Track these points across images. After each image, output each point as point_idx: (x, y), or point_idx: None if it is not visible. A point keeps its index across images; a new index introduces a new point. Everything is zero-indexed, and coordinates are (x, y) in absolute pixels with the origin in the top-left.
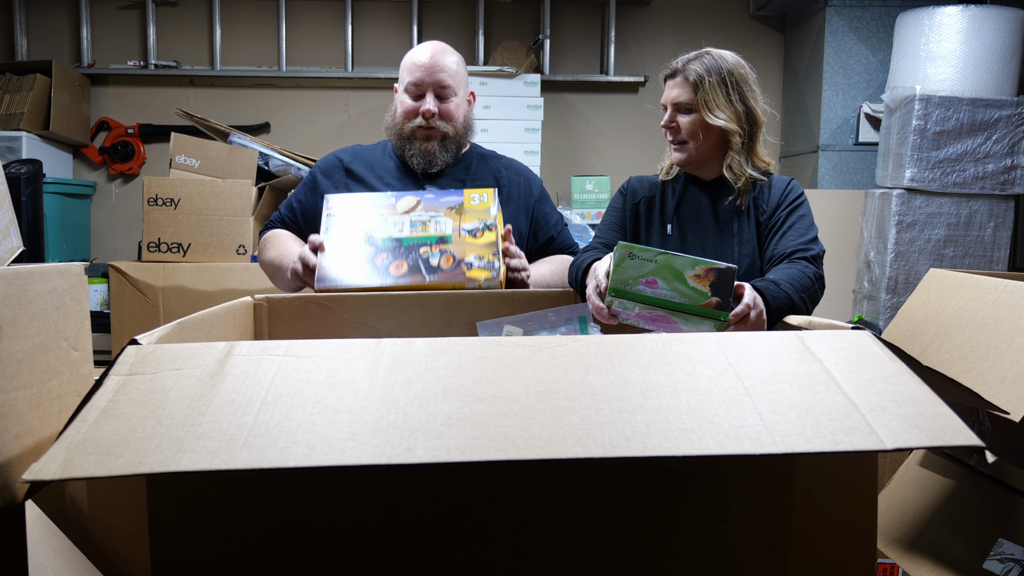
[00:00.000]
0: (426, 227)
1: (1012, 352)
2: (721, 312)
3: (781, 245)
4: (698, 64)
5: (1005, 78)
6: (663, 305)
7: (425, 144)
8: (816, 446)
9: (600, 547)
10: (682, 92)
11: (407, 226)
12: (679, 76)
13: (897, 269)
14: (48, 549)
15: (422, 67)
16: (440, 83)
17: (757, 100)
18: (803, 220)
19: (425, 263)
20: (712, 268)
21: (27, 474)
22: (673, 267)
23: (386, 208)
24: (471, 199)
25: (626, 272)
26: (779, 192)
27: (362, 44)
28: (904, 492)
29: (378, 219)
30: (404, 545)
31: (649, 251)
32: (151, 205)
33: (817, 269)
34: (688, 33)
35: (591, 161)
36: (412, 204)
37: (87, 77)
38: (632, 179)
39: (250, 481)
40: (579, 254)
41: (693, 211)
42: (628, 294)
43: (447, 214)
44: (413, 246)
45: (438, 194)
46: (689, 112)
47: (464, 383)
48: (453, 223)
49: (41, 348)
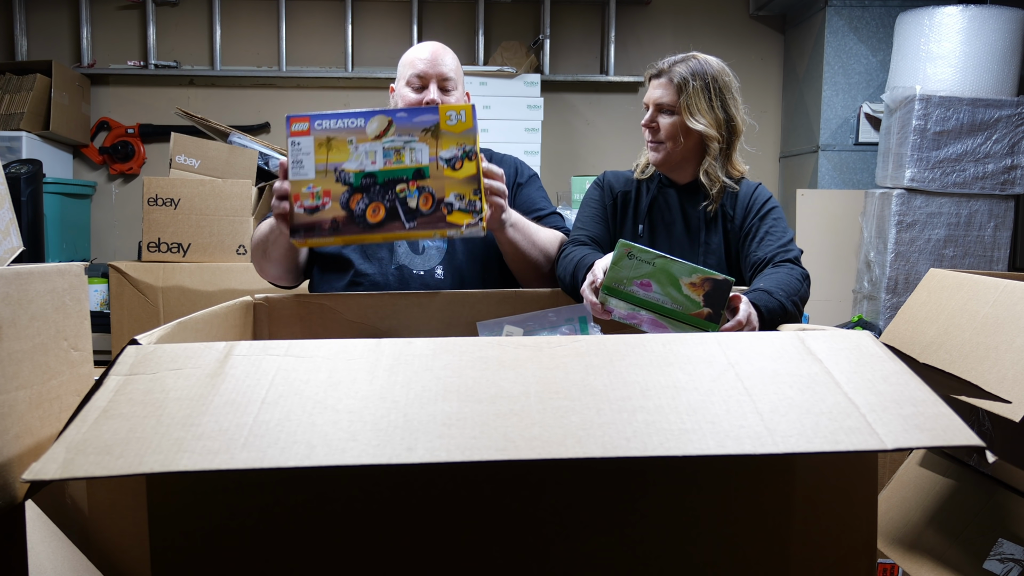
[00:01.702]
0: (400, 156)
1: (1012, 352)
2: (710, 324)
3: (761, 251)
4: (683, 67)
5: (1005, 78)
6: (654, 309)
7: None
8: (817, 446)
9: (600, 547)
10: (665, 93)
11: (380, 156)
12: (664, 77)
13: (897, 269)
14: (48, 549)
15: (425, 60)
16: (443, 75)
17: (738, 109)
18: (778, 224)
19: (403, 205)
20: (709, 278)
21: (27, 474)
22: (670, 272)
23: (355, 133)
24: (448, 118)
25: (622, 271)
26: (746, 199)
27: (362, 44)
28: (904, 492)
29: (348, 147)
30: (404, 545)
31: (648, 253)
32: (151, 205)
33: (803, 270)
34: (688, 33)
35: (591, 161)
36: (383, 126)
37: (87, 77)
38: (607, 173)
39: (250, 481)
40: (566, 248)
41: (664, 214)
42: (621, 294)
43: (423, 138)
44: (389, 183)
45: (411, 113)
46: (670, 113)
47: (464, 383)
48: (430, 150)
49: (41, 348)
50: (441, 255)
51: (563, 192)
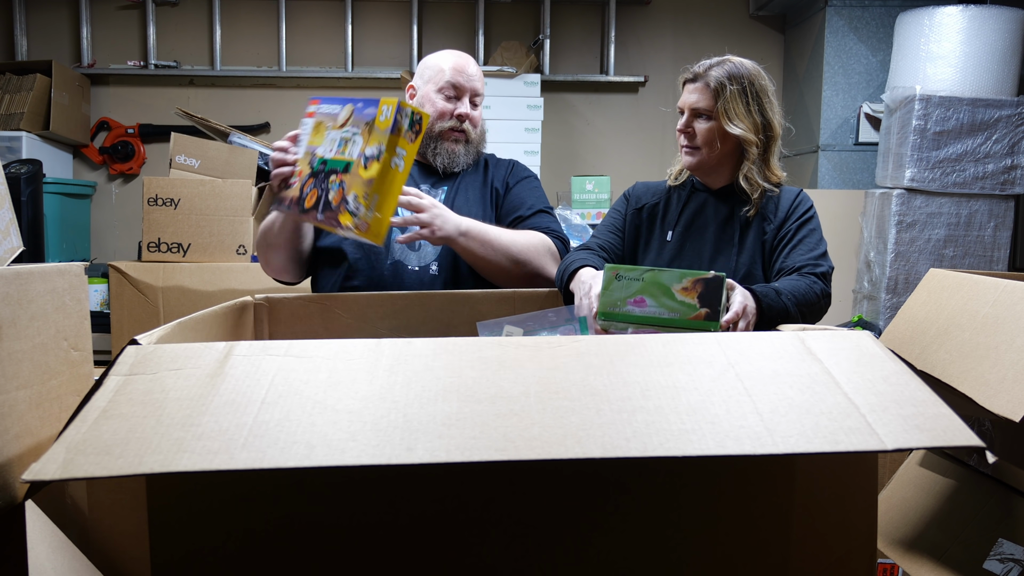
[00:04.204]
0: (345, 148)
1: (1012, 352)
2: (711, 323)
3: (791, 259)
4: (719, 70)
5: (1005, 78)
6: (653, 323)
7: (453, 145)
8: (817, 446)
9: (601, 547)
10: (701, 97)
11: (336, 144)
12: (699, 81)
13: (897, 269)
14: (48, 549)
15: (464, 73)
16: (476, 91)
17: (775, 112)
18: (813, 234)
19: (325, 196)
20: (699, 279)
21: (27, 474)
22: (660, 282)
23: (331, 119)
24: (380, 113)
25: (614, 294)
26: (788, 204)
27: (362, 44)
28: (904, 492)
29: (324, 133)
30: (404, 545)
31: (635, 270)
32: (151, 205)
33: (825, 287)
34: (688, 33)
35: (591, 161)
36: (347, 115)
37: (87, 77)
38: (638, 184)
39: (250, 481)
40: (571, 252)
41: (697, 219)
42: (618, 315)
43: (362, 132)
44: (328, 172)
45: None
46: (707, 118)
47: (464, 383)
48: (362, 144)
49: (41, 348)
50: (436, 252)
51: (563, 192)
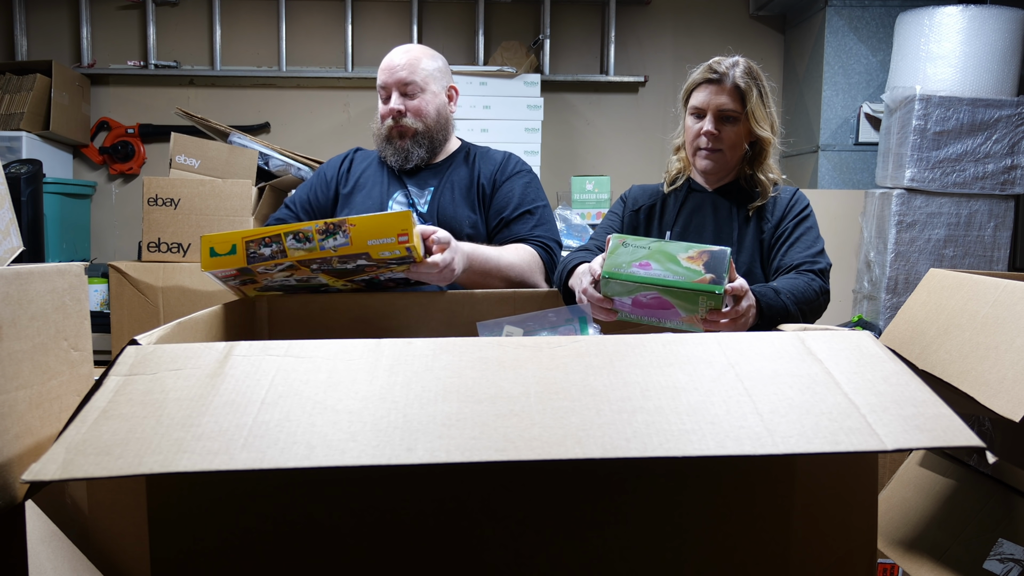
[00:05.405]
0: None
1: (1012, 352)
2: (715, 287)
3: (788, 257)
4: (740, 71)
5: (1005, 78)
6: (657, 284)
7: (399, 142)
8: (817, 447)
9: (601, 548)
10: (729, 100)
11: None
12: (725, 82)
13: (897, 269)
14: (48, 549)
15: (384, 69)
16: (401, 81)
17: (775, 109)
18: (810, 232)
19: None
20: (705, 250)
21: (27, 474)
22: (667, 251)
23: None
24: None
25: (620, 257)
26: (784, 202)
27: (362, 44)
28: (904, 492)
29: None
30: (404, 545)
31: (643, 239)
32: (151, 205)
33: (823, 284)
34: (688, 33)
35: (591, 161)
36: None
37: (87, 77)
38: (634, 187)
39: (250, 481)
40: (569, 253)
41: (695, 218)
42: (621, 276)
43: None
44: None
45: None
46: (735, 121)
47: (464, 383)
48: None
49: (41, 348)
50: None
51: (563, 192)
